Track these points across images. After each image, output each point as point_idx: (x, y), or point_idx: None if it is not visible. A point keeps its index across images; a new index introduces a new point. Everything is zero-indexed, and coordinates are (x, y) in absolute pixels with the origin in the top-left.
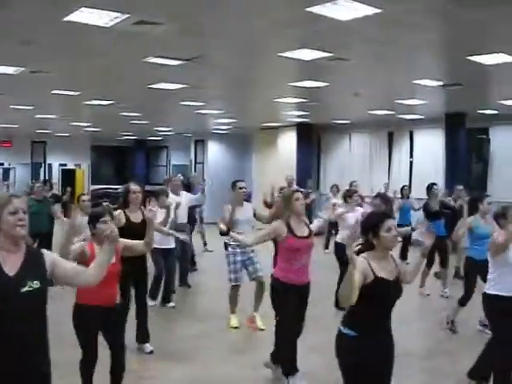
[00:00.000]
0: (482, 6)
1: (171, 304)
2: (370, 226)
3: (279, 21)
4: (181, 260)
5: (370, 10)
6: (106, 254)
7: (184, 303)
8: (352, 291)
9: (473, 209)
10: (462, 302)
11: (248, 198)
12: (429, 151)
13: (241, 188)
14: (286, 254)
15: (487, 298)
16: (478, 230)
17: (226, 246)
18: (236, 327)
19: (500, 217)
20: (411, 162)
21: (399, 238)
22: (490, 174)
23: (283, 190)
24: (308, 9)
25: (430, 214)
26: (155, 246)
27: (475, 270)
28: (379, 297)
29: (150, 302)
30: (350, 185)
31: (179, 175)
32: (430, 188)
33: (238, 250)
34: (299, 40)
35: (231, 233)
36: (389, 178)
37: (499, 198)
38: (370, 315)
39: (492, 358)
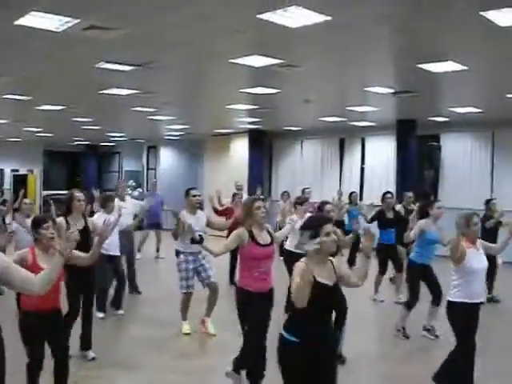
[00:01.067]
0: (430, 14)
1: (120, 312)
2: (310, 231)
3: (230, 27)
4: (128, 267)
5: (319, 18)
6: (54, 269)
7: (133, 310)
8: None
9: (424, 214)
10: (409, 306)
11: (200, 206)
12: (380, 158)
13: (194, 196)
14: (248, 262)
15: (451, 305)
16: (428, 234)
17: (178, 253)
18: (188, 333)
19: (462, 225)
20: (362, 169)
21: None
22: (441, 181)
23: (236, 196)
24: (259, 16)
25: (383, 222)
26: (102, 252)
27: (419, 274)
28: (319, 302)
29: (98, 315)
30: (302, 192)
31: (131, 181)
32: (384, 197)
33: (190, 258)
34: (250, 46)
35: (204, 244)
36: (340, 185)
37: (450, 205)
38: (309, 320)
39: (456, 363)
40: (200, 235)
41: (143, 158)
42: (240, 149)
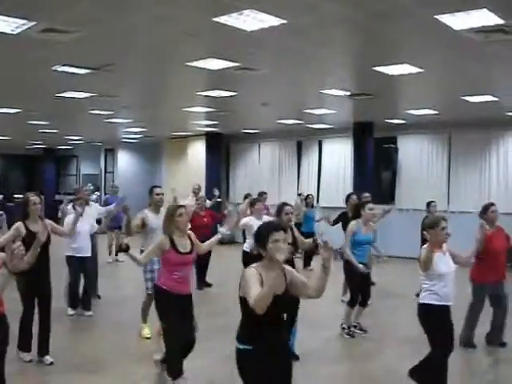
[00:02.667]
0: (386, 17)
1: (89, 313)
2: (259, 237)
3: (187, 30)
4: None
5: (275, 21)
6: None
7: (95, 313)
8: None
9: (357, 214)
10: (352, 304)
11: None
12: (337, 160)
13: (158, 194)
14: (167, 265)
15: (422, 308)
16: (357, 235)
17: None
18: (148, 337)
19: (429, 228)
20: (320, 171)
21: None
22: (398, 183)
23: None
24: (215, 19)
25: (346, 224)
26: (74, 254)
27: (357, 272)
28: (267, 310)
29: (69, 311)
30: (260, 195)
31: (89, 184)
32: (348, 198)
33: (155, 259)
34: (207, 49)
35: (129, 251)
36: (298, 187)
37: (407, 206)
38: (260, 328)
39: (431, 364)
40: (126, 244)
41: (101, 162)
42: (197, 151)
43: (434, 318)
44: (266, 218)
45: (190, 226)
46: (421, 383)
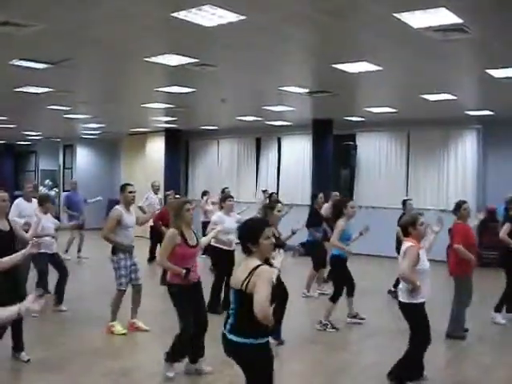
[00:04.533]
0: (345, 15)
1: (63, 308)
2: (250, 234)
3: (145, 25)
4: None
5: (234, 17)
6: None
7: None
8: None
9: (339, 212)
10: (334, 300)
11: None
12: (296, 157)
13: (130, 192)
14: (177, 259)
15: (403, 306)
16: (344, 232)
17: (115, 250)
18: (124, 333)
19: (409, 225)
20: (279, 168)
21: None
22: (357, 180)
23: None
24: (173, 14)
25: (317, 221)
26: (44, 250)
27: (343, 266)
28: (275, 299)
29: None
30: (222, 191)
31: (47, 180)
32: (315, 196)
33: (128, 255)
34: (165, 45)
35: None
36: (257, 184)
37: (366, 203)
38: (259, 321)
39: (411, 359)
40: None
41: (59, 157)
42: (156, 148)
43: (419, 315)
44: (234, 214)
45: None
46: (401, 381)
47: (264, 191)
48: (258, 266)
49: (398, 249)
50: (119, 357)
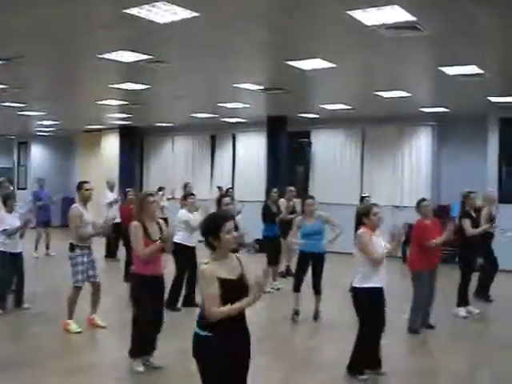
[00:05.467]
0: (299, 12)
1: (25, 305)
2: (211, 228)
3: (98, 22)
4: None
5: (187, 14)
6: None
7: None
8: None
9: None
10: (295, 289)
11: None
12: (251, 154)
13: (87, 189)
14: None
15: (356, 291)
16: (303, 228)
17: (73, 247)
18: (79, 332)
19: (363, 215)
20: (234, 165)
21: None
22: (312, 176)
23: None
24: (126, 10)
25: (268, 216)
26: (4, 250)
27: (305, 260)
28: (225, 297)
29: None
30: (185, 186)
31: (2, 178)
32: (270, 191)
33: (86, 251)
34: (118, 42)
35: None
36: (212, 181)
37: (321, 200)
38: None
39: (362, 347)
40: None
41: (14, 155)
42: (111, 145)
43: (368, 300)
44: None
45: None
46: (359, 370)
47: (219, 188)
48: (204, 264)
49: None
50: (76, 354)
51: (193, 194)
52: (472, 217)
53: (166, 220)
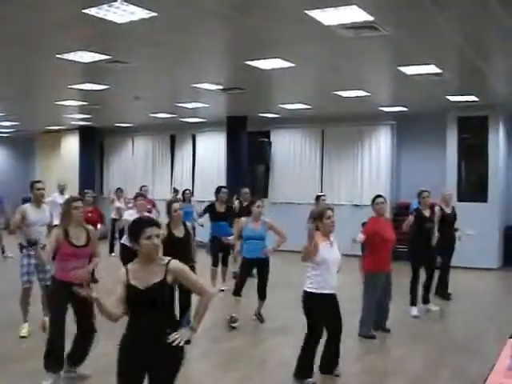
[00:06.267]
0: (257, 12)
1: None
2: (132, 234)
3: (57, 22)
4: None
5: (145, 14)
6: None
7: None
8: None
9: (248, 211)
10: (235, 292)
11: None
12: (211, 154)
13: (39, 189)
14: (62, 256)
15: (305, 295)
16: (245, 231)
17: (22, 247)
18: (24, 336)
19: (317, 218)
20: (194, 165)
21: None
22: (272, 176)
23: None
24: (84, 10)
25: (216, 216)
26: None
27: (248, 265)
28: (130, 302)
29: None
30: (140, 189)
31: None
32: (218, 191)
33: (32, 253)
34: (77, 42)
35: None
36: (172, 182)
37: (281, 200)
38: (131, 316)
39: (306, 351)
40: (35, 240)
41: None
42: (71, 146)
43: (314, 305)
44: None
45: None
46: (306, 374)
47: (175, 190)
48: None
49: None
50: (26, 360)
51: (141, 195)
52: (422, 215)
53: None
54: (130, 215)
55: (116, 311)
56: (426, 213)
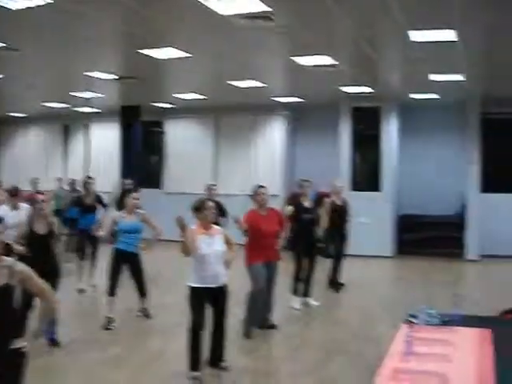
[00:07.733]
0: (155, 2)
1: None
2: None
3: None
4: None
5: (41, 0)
6: None
7: None
8: None
9: (121, 204)
10: (109, 292)
11: None
12: (106, 144)
13: None
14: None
15: (188, 288)
16: (120, 224)
17: None
18: None
19: (197, 210)
20: (88, 156)
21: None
22: (166, 167)
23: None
24: None
25: (83, 208)
26: None
27: (121, 260)
28: None
29: None
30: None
31: None
32: (86, 182)
33: None
34: None
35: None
36: (66, 173)
37: (175, 190)
38: None
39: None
40: None
41: None
42: None
43: (192, 298)
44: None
45: None
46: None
47: (59, 180)
48: None
49: None
50: None
51: (16, 189)
52: (302, 205)
53: None
54: (4, 210)
55: None
56: (306, 203)
